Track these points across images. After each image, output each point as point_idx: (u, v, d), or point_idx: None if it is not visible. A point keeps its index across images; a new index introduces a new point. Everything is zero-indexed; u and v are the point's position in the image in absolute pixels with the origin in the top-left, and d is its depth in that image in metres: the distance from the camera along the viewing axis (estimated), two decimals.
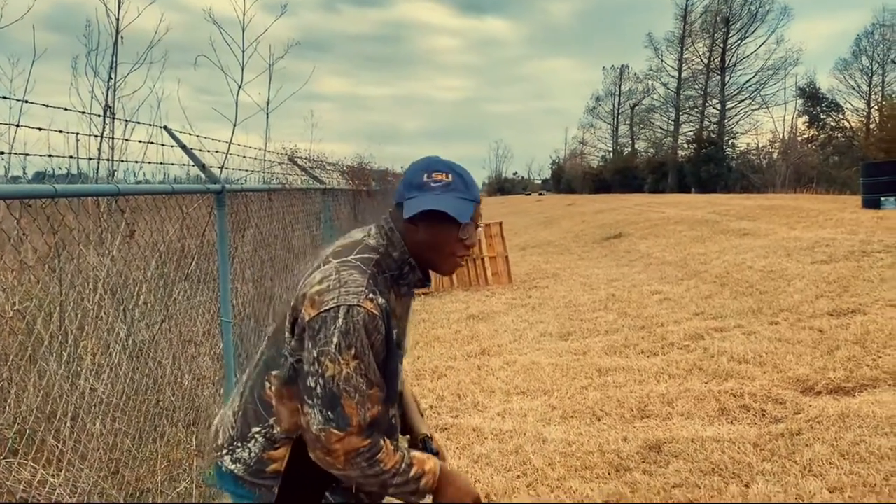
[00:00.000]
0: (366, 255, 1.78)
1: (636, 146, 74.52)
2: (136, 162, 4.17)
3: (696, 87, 64.03)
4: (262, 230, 5.34)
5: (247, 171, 5.48)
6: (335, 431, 1.63)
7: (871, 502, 3.40)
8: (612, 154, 78.25)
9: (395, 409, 1.90)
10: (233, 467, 1.81)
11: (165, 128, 4.09)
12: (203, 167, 4.23)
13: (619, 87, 79.44)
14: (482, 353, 7.55)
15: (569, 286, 11.04)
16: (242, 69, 5.39)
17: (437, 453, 2.04)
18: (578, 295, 10.14)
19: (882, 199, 14.88)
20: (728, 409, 4.93)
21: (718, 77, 61.60)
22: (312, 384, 1.64)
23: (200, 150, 4.93)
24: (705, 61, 62.56)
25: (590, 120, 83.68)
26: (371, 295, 1.67)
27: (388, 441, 1.74)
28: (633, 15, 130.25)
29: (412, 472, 1.74)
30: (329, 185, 7.52)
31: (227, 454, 1.83)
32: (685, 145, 61.54)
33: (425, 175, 1.79)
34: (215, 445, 1.89)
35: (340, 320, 1.62)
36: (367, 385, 1.66)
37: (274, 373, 1.79)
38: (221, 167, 5.14)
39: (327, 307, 1.64)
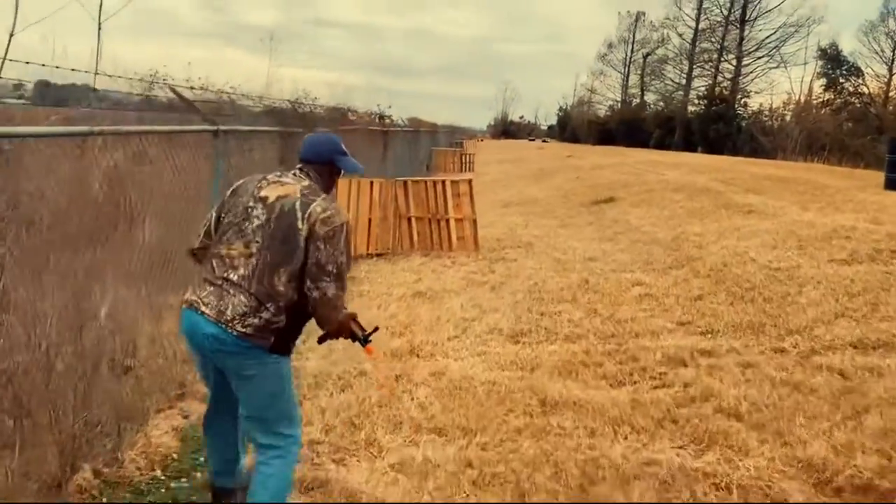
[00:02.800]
0: (327, 194, 3.05)
1: (645, 98, 71.98)
2: None
3: (713, 39, 61.10)
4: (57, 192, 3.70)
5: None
6: (341, 293, 2.87)
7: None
8: (619, 104, 75.63)
9: None
10: (243, 329, 2.81)
11: None
12: None
13: (634, 34, 76.23)
14: (409, 354, 6.02)
15: (540, 262, 9.44)
16: None
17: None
18: (547, 276, 8.54)
19: None
20: None
21: (737, 31, 58.67)
22: (330, 268, 2.81)
23: None
24: (725, 13, 59.54)
25: (600, 67, 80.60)
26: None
27: None
28: None
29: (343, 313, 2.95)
30: (225, 126, 5.79)
31: (238, 323, 2.81)
32: (696, 101, 59.09)
33: (342, 145, 3.15)
34: (223, 319, 2.83)
35: (345, 231, 2.87)
36: (349, 267, 2.97)
37: (282, 269, 2.83)
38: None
39: (338, 223, 2.85)
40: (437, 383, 5.30)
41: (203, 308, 2.86)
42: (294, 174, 3.02)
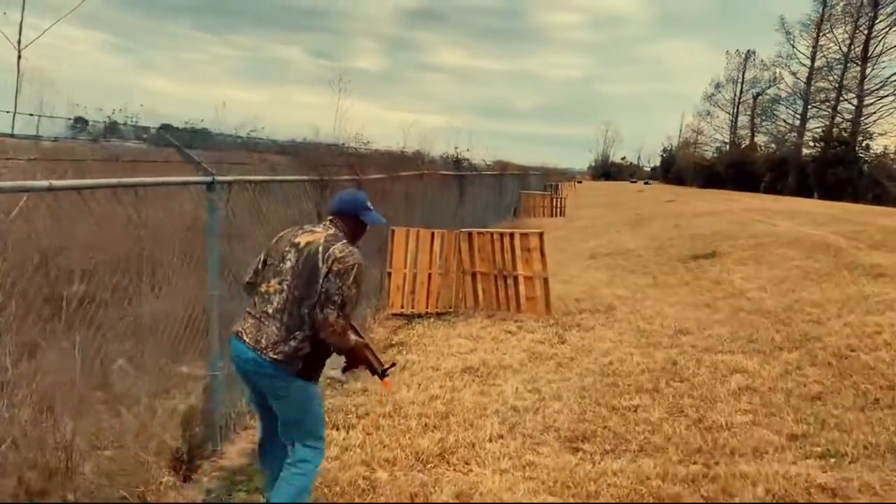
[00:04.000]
0: (346, 240, 3.45)
1: (755, 139, 68.40)
2: None
3: (831, 78, 57.30)
4: None
5: None
6: (340, 320, 3.26)
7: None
8: (727, 146, 72.31)
9: None
10: (275, 356, 3.30)
11: None
12: None
13: (743, 73, 73.07)
14: (438, 459, 4.83)
15: (620, 332, 8.04)
16: None
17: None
18: (627, 353, 7.14)
19: None
20: None
21: (858, 68, 54.79)
22: (336, 298, 3.26)
23: None
24: (844, 49, 55.76)
25: (707, 107, 77.65)
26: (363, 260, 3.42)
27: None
28: None
29: (351, 339, 3.41)
30: (224, 177, 4.81)
31: (270, 350, 3.32)
32: (811, 143, 55.33)
33: (368, 203, 3.64)
34: (259, 346, 3.34)
35: (356, 270, 3.31)
36: (356, 301, 3.36)
37: (305, 302, 3.32)
38: None
39: (351, 263, 3.31)
40: None
41: (245, 337, 3.42)
42: (324, 224, 3.57)
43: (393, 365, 3.65)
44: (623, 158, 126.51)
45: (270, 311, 3.40)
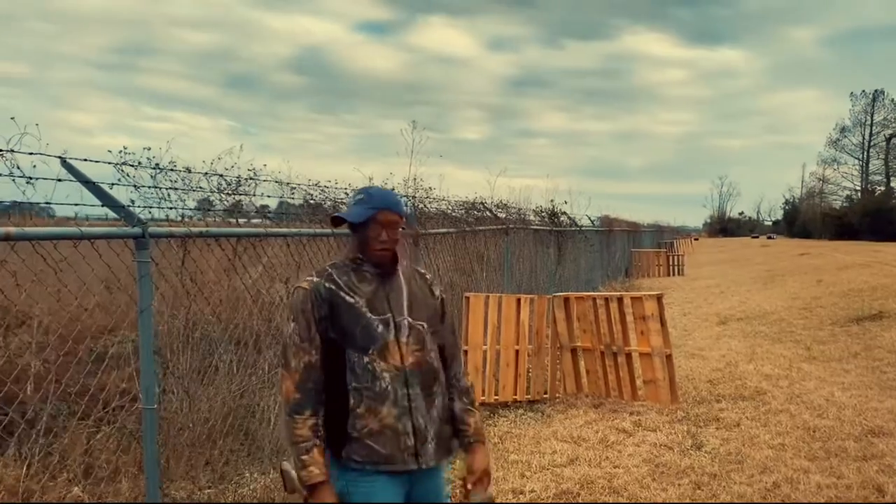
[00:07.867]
0: (328, 263, 2.43)
1: (892, 185, 62.66)
2: None
3: None
4: None
5: None
6: (282, 371, 2.27)
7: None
8: (859, 193, 66.64)
9: (396, 382, 2.24)
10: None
11: None
12: None
13: (872, 115, 67.70)
14: None
15: (781, 432, 5.73)
16: None
17: None
18: (798, 468, 4.87)
19: None
20: None
21: None
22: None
23: None
24: None
25: (832, 154, 72.23)
26: (308, 280, 2.31)
27: (311, 418, 2.21)
28: (893, 39, 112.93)
29: (302, 457, 2.16)
30: (160, 229, 3.11)
31: None
32: None
33: (351, 200, 2.43)
34: None
35: (289, 303, 2.35)
36: (300, 340, 2.24)
37: None
38: None
39: (292, 292, 2.40)
40: None
41: None
42: None
43: None
44: (741, 213, 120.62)
45: None
